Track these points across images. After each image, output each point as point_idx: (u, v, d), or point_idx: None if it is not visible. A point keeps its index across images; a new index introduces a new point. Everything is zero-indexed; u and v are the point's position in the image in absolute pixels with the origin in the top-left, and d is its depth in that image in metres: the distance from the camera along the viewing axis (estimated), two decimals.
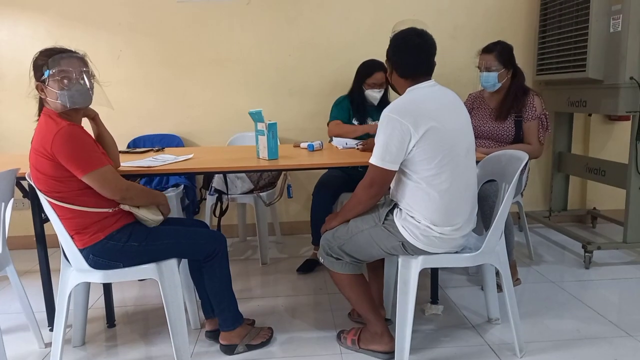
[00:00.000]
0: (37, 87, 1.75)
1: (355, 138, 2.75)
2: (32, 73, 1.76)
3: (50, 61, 1.71)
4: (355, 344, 2.06)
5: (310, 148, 2.54)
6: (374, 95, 2.91)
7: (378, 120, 2.91)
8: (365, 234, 1.88)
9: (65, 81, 1.72)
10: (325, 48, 3.54)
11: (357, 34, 3.53)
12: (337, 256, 1.93)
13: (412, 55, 1.82)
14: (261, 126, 2.27)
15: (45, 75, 1.71)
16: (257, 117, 2.29)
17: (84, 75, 1.76)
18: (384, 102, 2.93)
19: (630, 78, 2.74)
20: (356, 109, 2.98)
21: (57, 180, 1.72)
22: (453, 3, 3.55)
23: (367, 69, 2.92)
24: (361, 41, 3.49)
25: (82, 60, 1.79)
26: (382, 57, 2.02)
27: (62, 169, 1.70)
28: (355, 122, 2.99)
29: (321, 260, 2.00)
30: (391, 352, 1.96)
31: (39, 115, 1.81)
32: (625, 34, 2.73)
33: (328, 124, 3.00)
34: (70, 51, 1.78)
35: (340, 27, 3.53)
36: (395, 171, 1.78)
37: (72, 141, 1.68)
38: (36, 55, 1.76)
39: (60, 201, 1.74)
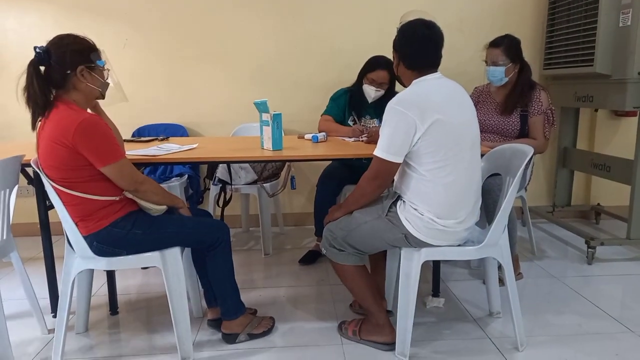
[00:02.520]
0: (80, 71, 1.74)
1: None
2: (68, 57, 1.73)
3: (101, 52, 1.79)
4: (356, 335, 2.07)
5: (315, 139, 2.54)
6: (369, 91, 2.83)
7: (373, 117, 2.94)
8: (368, 225, 1.88)
9: (107, 73, 1.84)
10: (331, 41, 3.52)
11: (363, 27, 3.50)
12: (339, 247, 1.94)
13: (419, 47, 1.81)
14: (266, 117, 2.27)
15: (101, 65, 1.79)
16: (262, 107, 2.29)
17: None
18: (383, 101, 2.89)
19: (639, 73, 2.72)
20: (354, 103, 2.93)
21: (70, 168, 1.72)
22: None
23: (371, 64, 2.84)
24: (368, 34, 3.47)
25: None
26: (389, 50, 2.00)
27: (79, 158, 1.70)
28: (350, 120, 2.94)
29: (324, 252, 2.00)
30: (392, 343, 1.97)
31: (47, 99, 1.77)
32: (634, 28, 2.70)
33: (321, 115, 2.98)
34: None
35: (346, 19, 3.50)
36: (400, 163, 1.77)
37: (95, 132, 1.69)
38: (78, 39, 1.76)
39: (67, 188, 1.75)
